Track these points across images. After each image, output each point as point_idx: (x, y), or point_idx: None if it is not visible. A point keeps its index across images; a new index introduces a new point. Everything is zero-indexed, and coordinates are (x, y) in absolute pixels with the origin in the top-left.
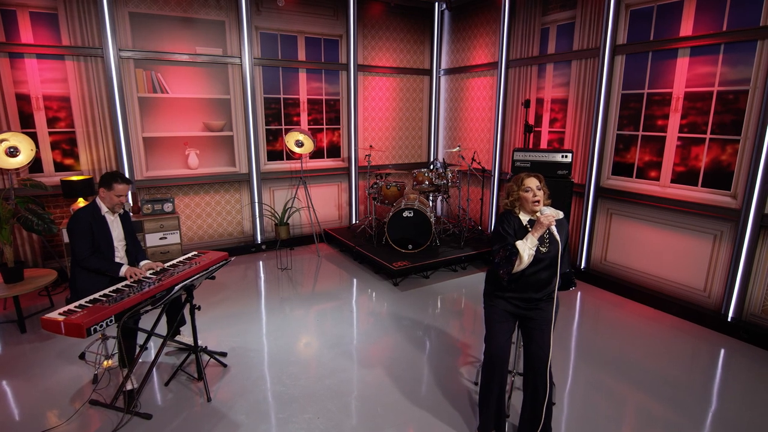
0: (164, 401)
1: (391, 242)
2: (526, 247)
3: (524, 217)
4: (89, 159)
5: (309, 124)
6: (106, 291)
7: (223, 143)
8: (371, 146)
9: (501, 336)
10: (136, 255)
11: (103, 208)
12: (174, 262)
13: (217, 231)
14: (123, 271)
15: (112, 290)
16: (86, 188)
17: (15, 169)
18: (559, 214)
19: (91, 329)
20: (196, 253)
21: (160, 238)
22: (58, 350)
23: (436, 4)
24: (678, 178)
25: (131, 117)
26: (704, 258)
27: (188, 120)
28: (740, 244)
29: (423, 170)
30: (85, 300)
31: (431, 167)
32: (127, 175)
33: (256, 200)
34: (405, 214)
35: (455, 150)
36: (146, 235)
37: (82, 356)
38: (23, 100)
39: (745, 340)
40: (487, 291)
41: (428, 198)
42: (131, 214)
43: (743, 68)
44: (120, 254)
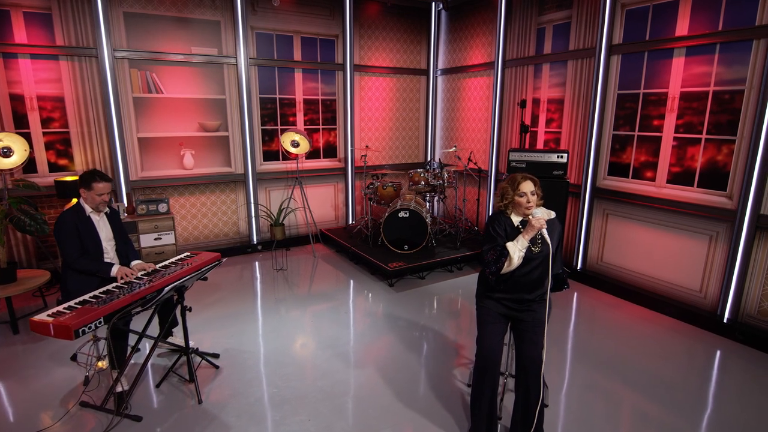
0: (155, 403)
1: (387, 243)
2: (516, 249)
3: (516, 219)
4: (84, 159)
5: (305, 125)
6: (96, 292)
7: (219, 143)
8: (367, 146)
9: (493, 337)
10: (128, 254)
11: (87, 209)
12: (166, 263)
13: (213, 231)
14: (114, 272)
15: (102, 291)
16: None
17: (8, 170)
18: (551, 215)
19: (79, 331)
20: (189, 254)
21: (155, 239)
22: (51, 351)
23: (433, 4)
24: (674, 179)
25: (126, 117)
26: (700, 259)
27: (183, 120)
28: (736, 245)
29: (419, 170)
30: (75, 301)
31: (428, 167)
32: (122, 176)
33: (252, 201)
34: (401, 215)
35: (451, 150)
36: (141, 236)
37: (74, 358)
38: (17, 101)
39: (741, 342)
40: (479, 292)
41: (425, 198)
42: (125, 214)
43: (739, 68)
44: (110, 254)
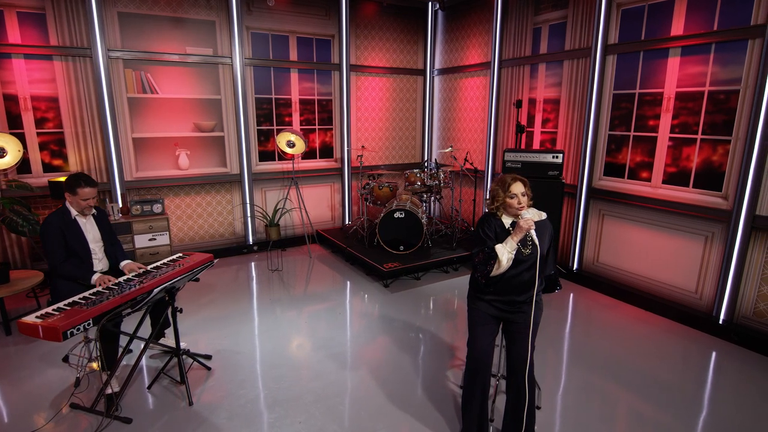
0: (146, 405)
1: (383, 243)
2: (505, 251)
3: (507, 220)
4: (78, 160)
5: (301, 125)
6: (86, 294)
7: (214, 144)
8: (363, 147)
9: (483, 339)
10: (116, 255)
11: (73, 212)
12: (158, 264)
13: (208, 232)
14: (93, 279)
15: (93, 293)
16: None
17: (2, 170)
18: (542, 216)
19: (68, 333)
20: (181, 255)
21: (149, 240)
22: (43, 353)
23: (430, 4)
24: (669, 179)
25: (120, 117)
26: (696, 259)
27: (178, 120)
28: (731, 246)
29: (415, 171)
30: (64, 303)
31: (424, 168)
32: (117, 176)
33: (248, 201)
34: (396, 215)
35: (447, 150)
36: (135, 237)
37: (66, 359)
38: (11, 101)
39: (736, 343)
40: (471, 294)
41: (421, 199)
42: (119, 214)
43: (734, 68)
44: (99, 256)
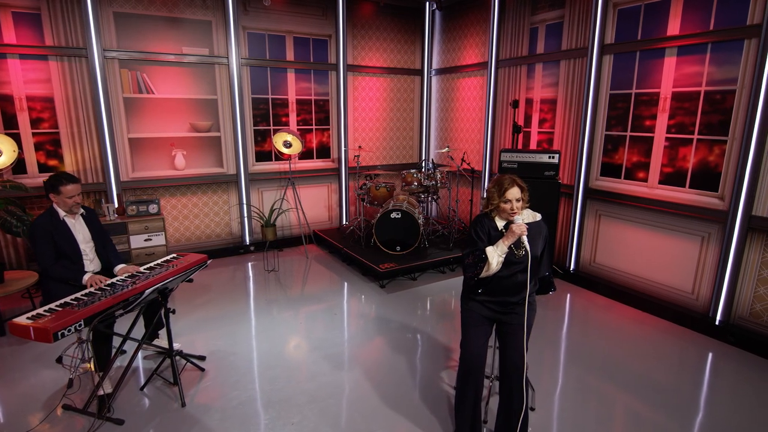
0: (138, 406)
1: (379, 244)
2: (495, 255)
3: (500, 222)
4: (74, 160)
5: (298, 125)
6: (78, 294)
7: (211, 144)
8: (360, 147)
9: (476, 340)
10: (108, 257)
11: (61, 213)
12: (151, 265)
13: (205, 232)
14: (85, 279)
15: (84, 294)
16: None
17: None
18: (537, 217)
19: (58, 334)
20: (175, 256)
21: (145, 240)
22: (37, 354)
23: (427, 4)
24: (666, 179)
25: (116, 118)
26: (692, 260)
27: (175, 121)
28: (728, 247)
29: (412, 171)
30: (55, 304)
31: (421, 168)
32: (113, 177)
33: (244, 201)
34: (393, 216)
35: (444, 151)
36: (131, 237)
37: (60, 360)
38: (6, 101)
39: (733, 344)
40: (464, 294)
41: (418, 199)
42: (115, 215)
43: (730, 68)
44: (90, 257)
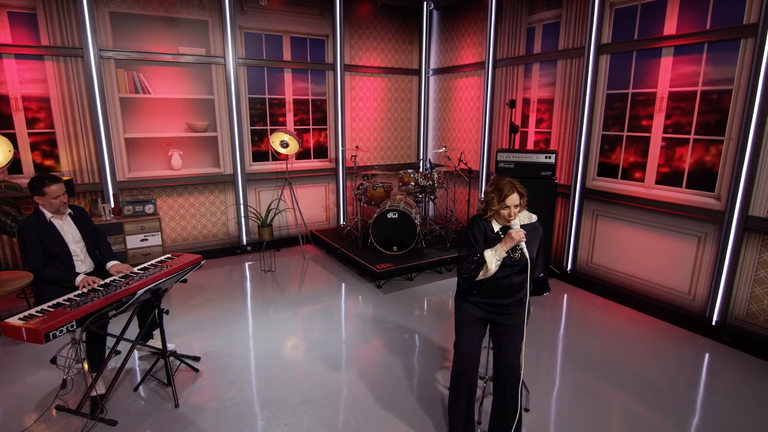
0: (131, 407)
1: (376, 244)
2: (494, 259)
3: (496, 225)
4: (70, 160)
5: (295, 125)
6: (71, 295)
7: (207, 144)
8: (357, 147)
9: (470, 341)
10: (103, 255)
11: (48, 214)
12: (145, 265)
13: (202, 232)
14: (77, 281)
15: (77, 294)
16: (66, 190)
17: None
18: (533, 218)
19: (50, 335)
20: (170, 256)
21: (141, 240)
22: (31, 354)
23: (425, 4)
24: (662, 179)
25: (112, 118)
26: (689, 260)
27: (171, 120)
28: (724, 247)
29: (409, 171)
30: (48, 304)
31: (418, 168)
32: (109, 177)
33: (241, 202)
34: (389, 216)
35: (441, 151)
36: (127, 237)
37: (54, 360)
38: (2, 101)
39: (729, 344)
40: (458, 295)
41: (416, 199)
42: (111, 215)
43: (727, 67)
44: (81, 257)
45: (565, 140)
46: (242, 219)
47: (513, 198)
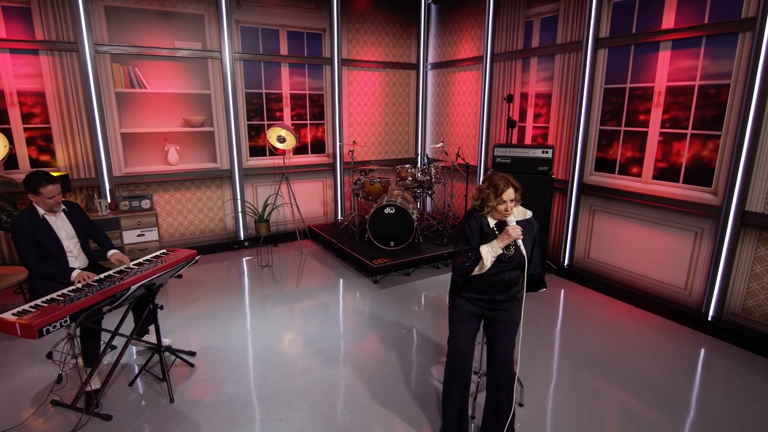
0: (127, 402)
1: (373, 239)
2: (490, 255)
3: (492, 220)
4: (66, 155)
5: (292, 120)
6: (65, 290)
7: (204, 139)
8: (354, 142)
9: (463, 337)
10: (103, 245)
11: (41, 211)
12: (140, 261)
13: (199, 228)
14: (73, 277)
15: (71, 290)
16: (62, 185)
17: None
18: (527, 214)
19: (43, 330)
20: (165, 252)
21: (138, 235)
22: (27, 349)
23: None
24: (660, 174)
25: (108, 112)
26: (685, 256)
27: (167, 115)
28: (721, 242)
29: (407, 166)
30: (42, 300)
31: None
32: (105, 172)
33: (239, 197)
34: (386, 211)
35: (439, 145)
36: (123, 232)
37: (50, 356)
38: None
39: (725, 340)
40: (452, 291)
41: (414, 194)
42: (107, 210)
43: (725, 62)
44: (74, 253)
45: (563, 135)
46: (239, 214)
47: (509, 193)
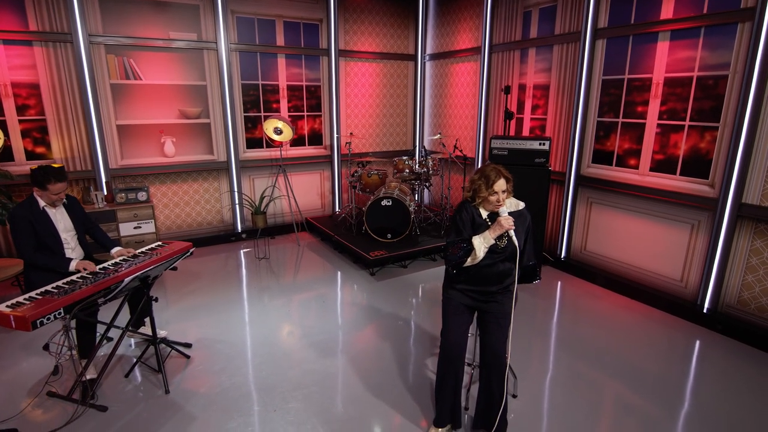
0: (122, 393)
1: (370, 231)
2: (482, 246)
3: (484, 211)
4: (61, 147)
5: (289, 111)
6: (60, 282)
7: (200, 131)
8: (351, 134)
9: (456, 330)
10: (102, 242)
11: (41, 203)
12: (135, 253)
13: (196, 220)
14: (73, 267)
15: (66, 282)
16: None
17: None
18: (520, 205)
19: (37, 322)
20: (160, 244)
21: (135, 228)
22: (24, 341)
23: None
24: (657, 167)
25: (104, 104)
26: (681, 248)
27: (163, 107)
28: (717, 234)
29: (404, 158)
30: (36, 292)
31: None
32: (101, 164)
33: (236, 189)
34: (383, 203)
35: (436, 137)
36: (120, 225)
37: (47, 347)
38: None
39: (720, 332)
40: (445, 283)
41: (412, 186)
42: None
43: (723, 52)
44: (71, 245)
45: (561, 127)
46: (236, 206)
47: (500, 183)
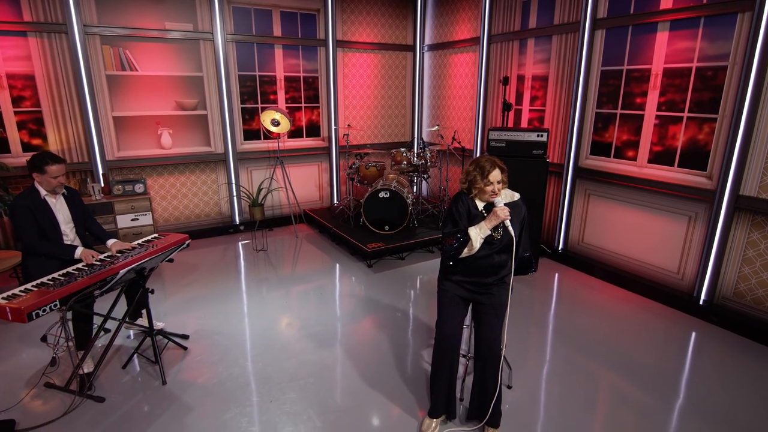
0: (119, 384)
1: (368, 223)
2: (478, 237)
3: (480, 203)
4: (57, 139)
5: (287, 103)
6: (56, 275)
7: (197, 122)
8: (349, 125)
9: (451, 321)
10: (98, 234)
11: (42, 191)
12: (132, 245)
13: (194, 212)
14: (78, 253)
15: (62, 274)
16: None
17: None
18: (515, 197)
19: (33, 314)
20: (156, 236)
21: (132, 220)
22: (22, 333)
23: None
24: (655, 158)
25: (99, 95)
26: (679, 240)
27: (160, 98)
28: (714, 226)
29: (402, 150)
30: (32, 284)
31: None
32: (98, 156)
33: (233, 181)
34: (381, 195)
35: (434, 129)
36: (117, 217)
37: (44, 339)
38: None
39: (716, 324)
40: (441, 275)
41: (410, 178)
42: (101, 194)
43: (723, 43)
44: (70, 237)
45: (559, 118)
46: (234, 198)
47: (495, 174)
